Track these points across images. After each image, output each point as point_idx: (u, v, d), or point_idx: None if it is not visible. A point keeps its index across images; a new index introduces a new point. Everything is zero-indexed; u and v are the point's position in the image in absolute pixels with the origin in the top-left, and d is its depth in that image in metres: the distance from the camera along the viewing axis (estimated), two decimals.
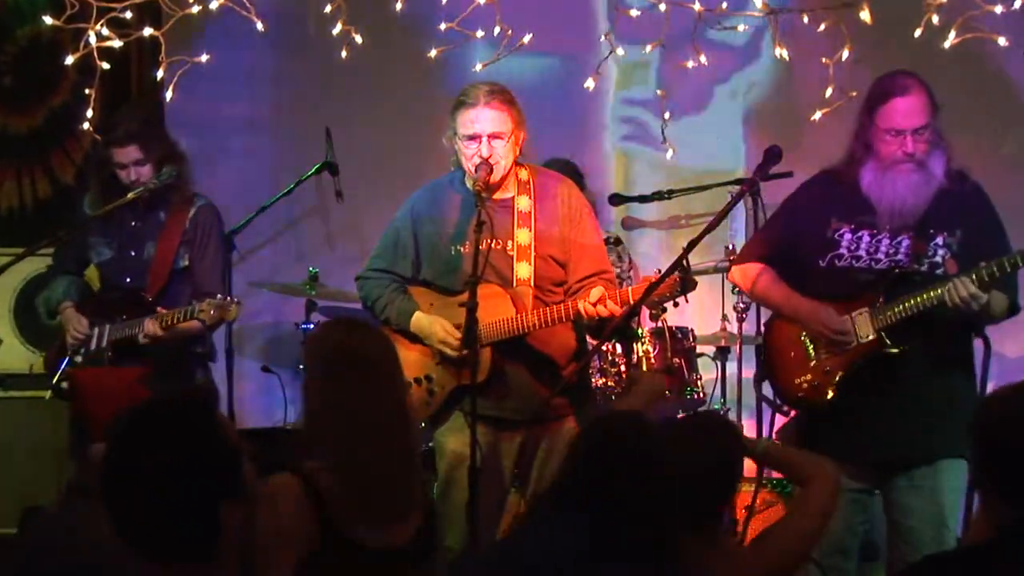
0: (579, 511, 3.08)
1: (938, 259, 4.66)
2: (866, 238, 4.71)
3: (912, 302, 4.57)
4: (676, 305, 4.87)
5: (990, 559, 2.85)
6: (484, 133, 4.84)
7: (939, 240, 4.68)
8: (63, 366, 5.71)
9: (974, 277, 4.46)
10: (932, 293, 4.54)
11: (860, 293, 4.70)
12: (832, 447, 4.43)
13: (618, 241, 6.69)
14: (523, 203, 4.96)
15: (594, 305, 4.63)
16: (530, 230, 4.93)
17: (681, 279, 4.49)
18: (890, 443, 4.64)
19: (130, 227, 5.74)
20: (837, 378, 4.70)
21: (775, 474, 5.23)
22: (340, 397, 3.54)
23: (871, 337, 4.64)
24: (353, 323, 3.84)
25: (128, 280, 5.74)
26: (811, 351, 4.78)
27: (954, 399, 4.61)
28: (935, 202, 4.67)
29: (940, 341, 4.65)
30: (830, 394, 4.71)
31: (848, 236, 4.74)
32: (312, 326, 6.69)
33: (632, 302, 4.58)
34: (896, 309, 4.61)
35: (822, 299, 4.75)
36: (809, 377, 4.75)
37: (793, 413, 4.90)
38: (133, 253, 5.72)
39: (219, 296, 5.39)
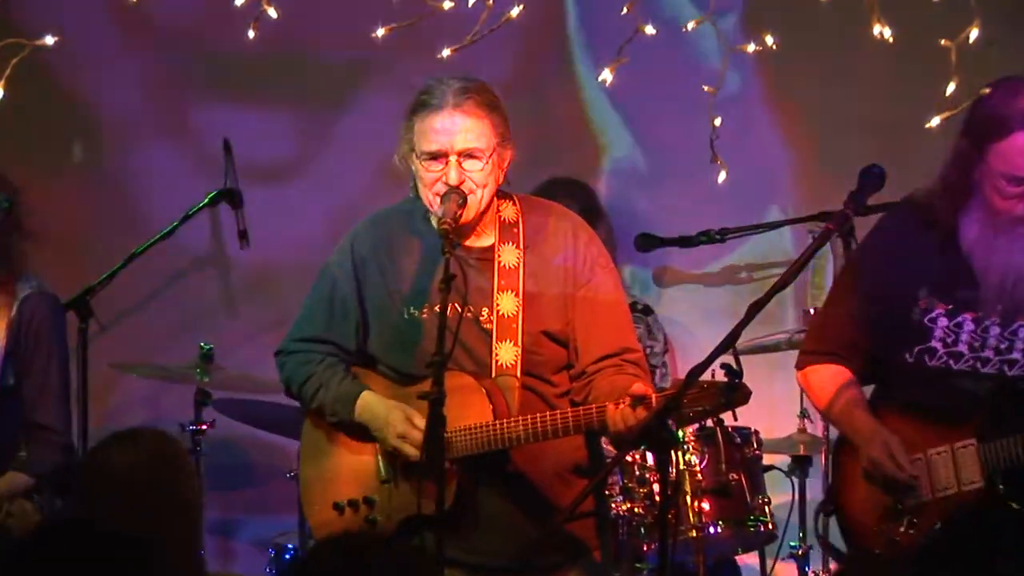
0: None
1: None
2: (968, 325, 4.34)
3: None
4: (720, 422, 4.97)
5: None
6: (452, 150, 4.36)
7: None
8: None
9: None
10: None
11: (966, 411, 4.29)
12: None
13: (648, 310, 6.19)
14: (508, 255, 4.53)
15: (633, 410, 4.12)
16: (517, 295, 4.50)
17: (728, 385, 3.86)
18: None
19: None
20: (925, 537, 4.35)
21: None
22: None
23: (976, 484, 4.25)
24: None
25: None
26: None
27: None
28: None
29: None
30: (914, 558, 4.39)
31: (943, 322, 4.36)
32: (206, 427, 6.02)
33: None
34: (1012, 443, 4.22)
35: (915, 412, 4.37)
36: (888, 527, 4.36)
37: None
38: None
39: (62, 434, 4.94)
